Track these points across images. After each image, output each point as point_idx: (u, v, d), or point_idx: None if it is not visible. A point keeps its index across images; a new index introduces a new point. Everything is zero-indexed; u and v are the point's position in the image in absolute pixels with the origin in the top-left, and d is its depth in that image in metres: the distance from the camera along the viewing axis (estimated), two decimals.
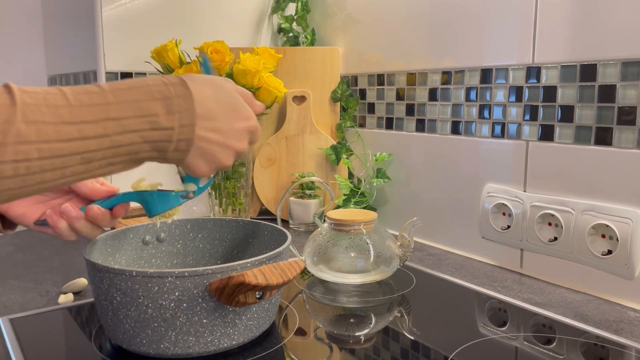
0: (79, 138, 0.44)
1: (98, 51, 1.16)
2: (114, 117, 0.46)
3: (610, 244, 0.79)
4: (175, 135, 0.49)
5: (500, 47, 0.93)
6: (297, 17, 1.37)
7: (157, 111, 0.48)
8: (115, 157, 0.47)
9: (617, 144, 0.78)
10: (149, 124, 0.48)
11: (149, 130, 0.48)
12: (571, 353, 0.64)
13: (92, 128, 0.45)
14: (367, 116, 1.24)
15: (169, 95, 0.49)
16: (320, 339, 0.68)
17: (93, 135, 0.45)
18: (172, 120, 0.49)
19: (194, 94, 0.50)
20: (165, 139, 0.49)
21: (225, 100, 0.54)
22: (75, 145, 0.44)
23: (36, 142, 0.43)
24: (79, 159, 0.45)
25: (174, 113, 0.49)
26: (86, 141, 0.45)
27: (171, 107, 0.49)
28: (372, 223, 0.86)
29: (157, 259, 0.78)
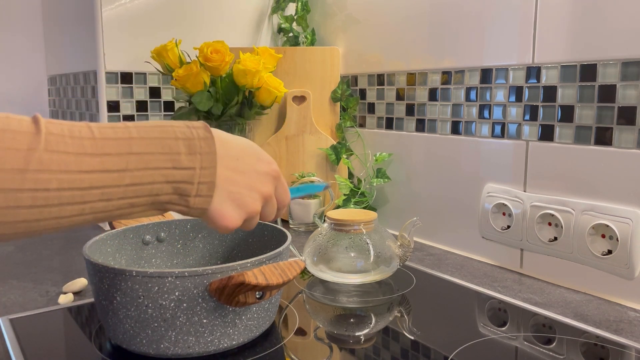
0: (100, 170, 0.44)
1: (98, 51, 1.16)
2: (136, 151, 0.45)
3: (610, 244, 0.79)
4: (197, 178, 0.48)
5: (500, 47, 0.93)
6: (297, 17, 1.37)
7: (179, 150, 0.47)
8: (136, 198, 0.46)
9: (617, 144, 0.78)
10: (171, 162, 0.47)
11: (171, 169, 0.47)
12: (571, 353, 0.64)
13: (114, 161, 0.44)
14: (367, 116, 1.24)
15: (191, 136, 0.48)
16: (320, 339, 0.68)
17: (115, 168, 0.44)
18: (194, 160, 0.48)
19: (215, 138, 0.50)
20: (186, 180, 0.48)
21: (246, 145, 0.54)
22: (96, 178, 0.43)
23: (57, 171, 0.42)
24: (99, 194, 0.44)
25: (195, 154, 0.48)
26: (107, 174, 0.44)
27: (193, 148, 0.48)
28: (372, 223, 0.86)
29: (157, 259, 0.78)
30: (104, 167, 0.44)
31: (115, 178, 0.44)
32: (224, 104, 1.16)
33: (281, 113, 1.29)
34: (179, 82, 1.12)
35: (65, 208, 0.43)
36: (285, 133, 1.27)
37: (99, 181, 0.44)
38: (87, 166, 0.43)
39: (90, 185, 0.43)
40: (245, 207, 0.53)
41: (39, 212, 0.42)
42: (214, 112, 1.15)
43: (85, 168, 0.43)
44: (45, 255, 1.01)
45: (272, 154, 1.27)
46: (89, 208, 0.44)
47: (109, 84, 1.17)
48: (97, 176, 0.44)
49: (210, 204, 0.50)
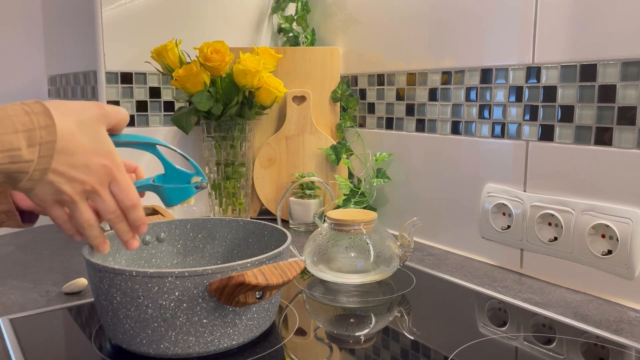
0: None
1: (98, 51, 1.16)
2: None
3: (610, 244, 0.79)
4: (33, 167, 0.49)
5: (500, 47, 0.93)
6: (297, 17, 1.37)
7: (19, 145, 0.48)
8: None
9: (617, 144, 0.78)
10: (9, 158, 0.47)
11: (8, 164, 0.48)
12: (571, 353, 0.64)
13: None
14: (367, 116, 1.24)
15: (32, 127, 0.48)
16: (320, 339, 0.68)
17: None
18: (33, 152, 0.48)
19: (57, 126, 0.50)
20: (22, 171, 0.49)
21: (88, 131, 0.53)
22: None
23: None
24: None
25: (35, 145, 0.48)
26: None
27: (33, 140, 0.48)
28: (372, 223, 0.86)
29: (157, 259, 0.78)
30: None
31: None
32: (224, 104, 1.16)
33: (281, 113, 1.29)
34: (179, 82, 1.12)
35: None
36: (285, 133, 1.27)
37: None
38: None
39: None
40: (58, 193, 0.52)
41: None
42: (214, 112, 1.15)
43: None
44: (45, 255, 1.01)
45: (272, 154, 1.27)
46: None
47: (109, 84, 1.17)
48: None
49: (35, 187, 0.51)
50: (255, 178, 1.28)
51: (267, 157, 1.28)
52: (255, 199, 1.29)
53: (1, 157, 0.47)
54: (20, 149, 0.48)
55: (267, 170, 1.28)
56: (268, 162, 1.28)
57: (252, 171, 1.27)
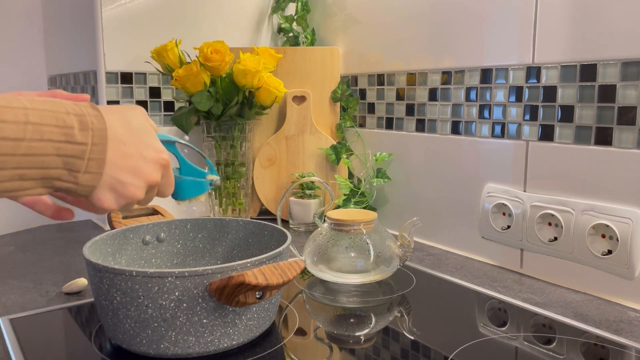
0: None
1: (98, 51, 1.16)
2: (33, 121, 0.44)
3: (610, 244, 0.79)
4: (87, 153, 0.47)
5: (500, 47, 0.93)
6: (297, 17, 1.37)
7: (72, 124, 0.46)
8: (28, 169, 0.44)
9: (617, 144, 0.78)
10: (65, 135, 0.46)
11: (64, 143, 0.45)
12: (571, 353, 0.64)
13: (12, 129, 0.43)
14: (367, 116, 1.24)
15: (81, 112, 0.47)
16: (320, 339, 0.68)
17: (13, 136, 0.43)
18: (86, 136, 0.47)
19: (104, 116, 0.49)
20: (77, 155, 0.46)
21: (136, 127, 0.52)
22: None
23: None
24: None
25: (87, 130, 0.47)
26: (4, 142, 0.43)
27: (85, 123, 0.47)
28: (372, 223, 0.86)
29: (157, 259, 0.78)
30: (2, 135, 0.43)
31: (12, 146, 0.43)
32: (224, 104, 1.16)
33: (281, 113, 1.29)
34: (179, 82, 1.12)
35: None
36: (285, 133, 1.27)
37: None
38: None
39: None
40: (126, 194, 0.51)
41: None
42: (214, 112, 1.15)
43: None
44: (45, 255, 1.01)
45: (272, 154, 1.27)
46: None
47: (109, 84, 1.17)
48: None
49: (99, 181, 0.49)
50: (255, 178, 1.28)
51: (267, 157, 1.28)
52: (255, 199, 1.29)
53: (57, 132, 0.45)
54: (74, 128, 0.46)
55: (267, 170, 1.28)
56: (268, 162, 1.28)
57: (252, 171, 1.27)
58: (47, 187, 0.47)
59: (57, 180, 0.46)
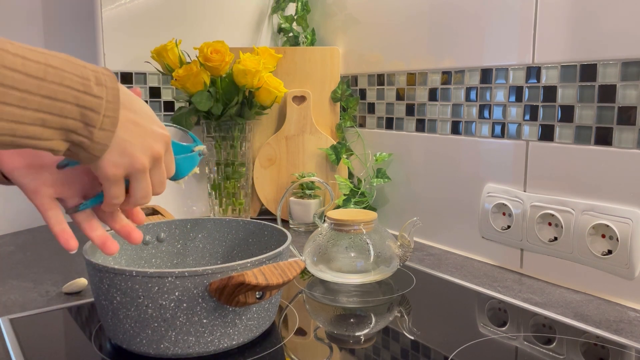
0: (22, 72, 0.42)
1: (98, 51, 1.16)
2: (53, 65, 0.44)
3: (610, 244, 0.79)
4: (103, 109, 0.47)
5: (500, 47, 0.93)
6: (297, 17, 1.37)
7: (89, 76, 0.46)
8: (49, 114, 0.44)
9: (617, 144, 0.78)
10: (83, 86, 0.45)
11: (82, 93, 0.45)
12: (571, 353, 0.64)
13: (34, 67, 0.43)
14: (367, 116, 1.24)
15: (96, 69, 0.47)
16: (320, 339, 0.68)
17: (35, 74, 0.43)
18: (101, 91, 0.47)
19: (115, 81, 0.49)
20: (94, 108, 0.46)
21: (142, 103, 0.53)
22: (18, 79, 0.42)
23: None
24: (18, 97, 0.42)
25: (102, 85, 0.47)
26: (28, 78, 0.42)
27: (100, 80, 0.47)
28: (372, 223, 0.86)
29: (157, 259, 0.78)
30: (25, 70, 0.42)
31: (35, 85, 0.43)
32: (224, 104, 1.16)
33: (281, 113, 1.29)
34: (179, 82, 1.12)
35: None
36: (285, 133, 1.27)
37: (20, 82, 0.42)
38: (10, 63, 0.42)
39: (12, 84, 0.42)
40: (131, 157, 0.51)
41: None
42: (214, 112, 1.15)
43: (8, 64, 0.42)
44: (45, 255, 1.01)
45: (272, 154, 1.27)
46: (5, 112, 0.42)
47: None
48: (18, 76, 0.42)
49: (112, 139, 0.48)
50: (255, 178, 1.28)
51: (267, 157, 1.28)
52: (255, 199, 1.29)
53: (76, 81, 0.45)
54: (90, 80, 0.46)
55: (267, 170, 1.28)
56: (268, 162, 1.28)
57: (252, 171, 1.27)
58: (65, 140, 0.46)
59: (74, 133, 0.46)
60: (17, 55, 0.42)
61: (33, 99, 0.43)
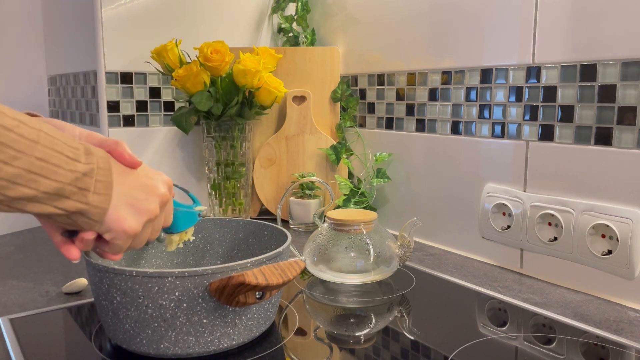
0: (17, 133, 0.44)
1: (98, 51, 1.16)
2: (46, 131, 0.46)
3: (610, 244, 0.79)
4: (95, 174, 0.49)
5: (500, 47, 0.93)
6: (297, 17, 1.37)
7: (78, 147, 0.48)
8: (42, 177, 0.45)
9: (617, 144, 0.78)
10: (73, 154, 0.47)
11: (73, 160, 0.47)
12: (571, 353, 0.64)
13: (29, 131, 0.45)
14: (367, 116, 1.24)
15: (84, 143, 0.50)
16: (320, 339, 0.68)
17: (29, 137, 0.44)
18: (91, 159, 0.49)
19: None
20: (87, 172, 0.48)
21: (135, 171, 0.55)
22: (11, 138, 0.43)
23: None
24: (11, 155, 0.43)
25: (92, 155, 0.49)
26: (21, 139, 0.44)
27: (89, 150, 0.49)
28: (372, 223, 0.86)
29: (157, 259, 0.78)
30: (20, 132, 0.44)
31: (28, 145, 0.44)
32: (224, 104, 1.16)
33: (281, 113, 1.29)
34: (179, 82, 1.12)
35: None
36: (285, 133, 1.27)
37: (14, 142, 0.44)
38: (7, 124, 0.43)
39: (7, 142, 0.43)
40: (144, 209, 0.53)
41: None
42: (214, 112, 1.15)
43: (6, 124, 0.43)
44: (45, 255, 1.01)
45: (272, 154, 1.27)
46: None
47: (109, 84, 1.17)
48: (13, 136, 0.43)
49: (109, 203, 0.50)
50: (255, 178, 1.28)
51: (267, 157, 1.28)
52: (255, 199, 1.29)
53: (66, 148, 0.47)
54: (80, 150, 0.48)
55: (267, 170, 1.28)
56: (268, 162, 1.28)
57: (252, 171, 1.27)
58: (60, 208, 0.47)
59: (69, 199, 0.47)
60: (14, 119, 0.44)
61: (27, 159, 0.44)
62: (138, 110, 1.21)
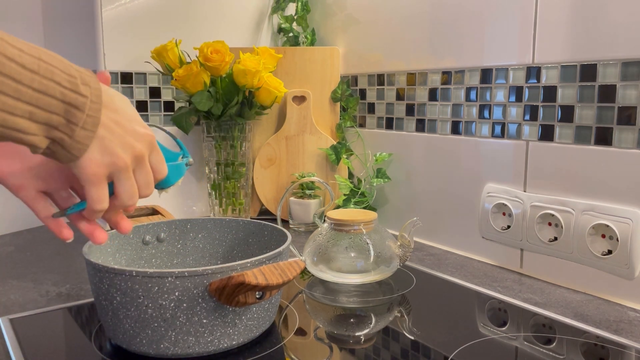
0: (19, 63, 0.43)
1: (98, 51, 1.16)
2: (45, 60, 0.44)
3: (610, 244, 0.79)
4: (87, 108, 0.47)
5: (500, 47, 0.93)
6: (297, 17, 1.37)
7: (75, 75, 0.46)
8: (37, 109, 0.44)
9: (617, 144, 0.78)
10: (70, 83, 0.46)
11: (69, 90, 0.46)
12: (571, 353, 0.64)
13: (29, 60, 0.43)
14: (367, 116, 1.24)
15: (81, 69, 0.48)
16: (320, 339, 0.68)
17: (29, 67, 0.43)
18: (87, 91, 0.47)
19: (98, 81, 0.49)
20: (79, 106, 0.46)
21: (125, 101, 0.52)
22: (15, 69, 0.42)
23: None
24: (13, 87, 0.42)
25: (87, 85, 0.47)
26: (23, 70, 0.43)
27: (85, 79, 0.47)
28: (372, 223, 0.86)
29: (157, 259, 0.78)
30: (22, 61, 0.43)
31: (28, 77, 0.43)
32: (224, 104, 1.16)
33: (281, 113, 1.29)
34: (179, 82, 1.12)
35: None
36: (285, 133, 1.27)
37: (16, 73, 0.42)
38: (9, 53, 0.42)
39: (10, 74, 0.42)
40: (113, 155, 0.50)
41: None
42: (214, 112, 1.15)
43: (8, 54, 0.42)
44: (45, 255, 1.01)
45: (272, 154, 1.27)
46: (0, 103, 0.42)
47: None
48: (15, 67, 0.42)
49: (92, 140, 0.48)
50: (255, 178, 1.28)
51: (267, 157, 1.28)
52: (255, 199, 1.29)
53: (64, 78, 0.45)
54: (77, 78, 0.46)
55: (267, 170, 1.28)
56: (268, 162, 1.28)
57: (252, 171, 1.27)
58: (46, 137, 0.46)
59: (56, 129, 0.46)
60: (15, 47, 0.43)
61: (26, 91, 0.43)
62: (138, 110, 1.21)
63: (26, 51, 0.44)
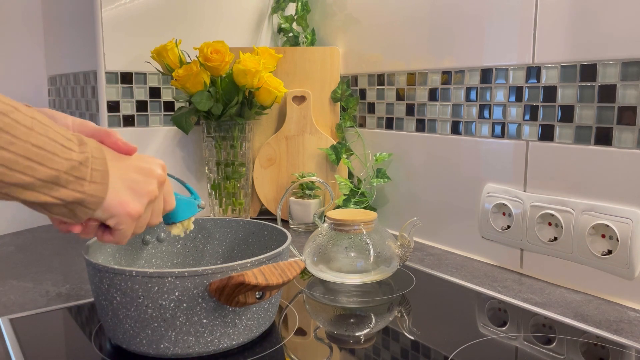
0: (11, 118, 0.43)
1: (98, 51, 1.16)
2: (39, 120, 0.45)
3: (610, 244, 0.79)
4: (90, 163, 0.48)
5: (500, 47, 0.93)
6: (297, 17, 1.37)
7: (71, 137, 0.47)
8: (38, 164, 0.45)
9: (617, 144, 0.78)
10: (67, 142, 0.47)
11: (67, 149, 0.46)
12: (571, 353, 0.64)
13: (23, 117, 0.44)
14: (367, 116, 1.24)
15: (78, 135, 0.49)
16: (320, 339, 0.68)
17: (23, 123, 0.44)
18: (85, 149, 0.48)
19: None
20: (82, 161, 0.47)
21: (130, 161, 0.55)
22: (8, 122, 0.43)
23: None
24: (7, 140, 0.43)
25: (85, 144, 0.48)
26: (17, 125, 0.43)
27: (82, 139, 0.49)
28: (372, 223, 0.86)
29: (157, 259, 0.78)
30: (15, 117, 0.43)
31: (24, 132, 0.43)
32: (224, 104, 1.16)
33: (281, 113, 1.29)
34: (179, 82, 1.12)
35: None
36: (285, 133, 1.27)
37: (10, 127, 0.43)
38: (1, 108, 0.42)
39: (3, 127, 0.42)
40: (144, 190, 0.52)
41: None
42: (214, 112, 1.15)
43: (0, 109, 0.42)
44: (45, 255, 1.01)
45: (272, 154, 1.27)
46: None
47: (109, 84, 1.17)
48: (8, 121, 0.43)
49: (106, 192, 0.49)
50: (255, 178, 1.28)
51: (267, 157, 1.28)
52: (255, 199, 1.29)
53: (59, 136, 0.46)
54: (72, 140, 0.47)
55: (267, 170, 1.28)
56: (268, 162, 1.28)
57: (252, 171, 1.27)
58: (56, 198, 0.46)
59: (65, 188, 0.46)
60: (8, 104, 0.43)
61: (23, 145, 0.44)
62: (138, 110, 1.21)
63: (20, 109, 0.44)
